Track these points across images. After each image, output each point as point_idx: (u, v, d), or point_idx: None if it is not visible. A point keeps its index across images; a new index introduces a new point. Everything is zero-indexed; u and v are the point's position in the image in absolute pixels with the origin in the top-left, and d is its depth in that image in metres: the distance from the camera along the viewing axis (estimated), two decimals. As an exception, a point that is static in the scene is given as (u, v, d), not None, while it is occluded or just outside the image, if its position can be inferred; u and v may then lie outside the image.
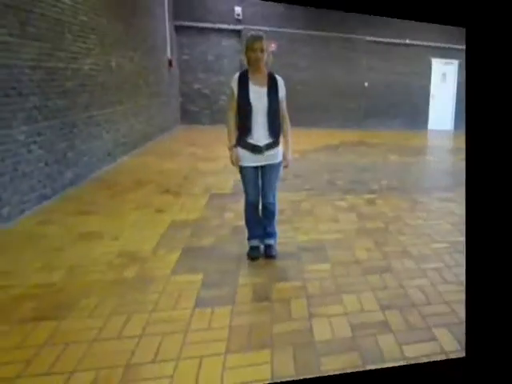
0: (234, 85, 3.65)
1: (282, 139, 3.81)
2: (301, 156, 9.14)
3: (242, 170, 3.81)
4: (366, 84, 14.72)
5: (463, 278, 3.39)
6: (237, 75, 3.70)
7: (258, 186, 3.87)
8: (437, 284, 3.69)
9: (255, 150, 3.68)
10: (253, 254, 3.96)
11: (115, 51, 7.76)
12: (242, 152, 3.73)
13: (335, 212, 5.51)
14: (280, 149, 3.82)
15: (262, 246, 4.05)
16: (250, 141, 3.68)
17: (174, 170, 7.34)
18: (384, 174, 7.96)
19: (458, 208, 5.86)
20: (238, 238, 4.42)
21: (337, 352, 2.70)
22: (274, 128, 3.71)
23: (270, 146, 3.71)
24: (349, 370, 2.57)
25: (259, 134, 3.67)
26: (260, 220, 4.01)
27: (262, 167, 3.80)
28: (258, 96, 3.61)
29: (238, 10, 12.74)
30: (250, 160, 3.73)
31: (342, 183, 7.07)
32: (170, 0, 11.77)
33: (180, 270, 3.69)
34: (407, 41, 14.65)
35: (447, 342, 2.83)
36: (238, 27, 12.83)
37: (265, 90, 3.65)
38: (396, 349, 2.76)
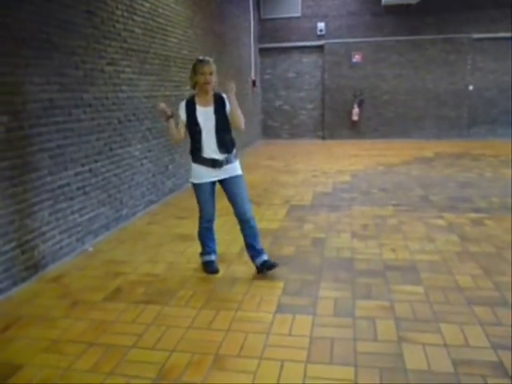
0: (182, 111, 3.60)
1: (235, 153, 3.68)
2: (386, 169, 8.32)
3: (197, 187, 3.71)
4: (471, 88, 12.28)
5: None
6: (184, 103, 3.62)
7: (213, 202, 3.81)
8: None
9: (215, 164, 3.58)
10: (209, 269, 3.83)
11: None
12: (198, 169, 3.64)
13: (429, 231, 4.76)
14: (238, 164, 3.71)
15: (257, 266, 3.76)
16: (206, 156, 3.57)
17: (255, 181, 7.37)
18: (494, 190, 6.48)
19: None
20: (317, 249, 4.30)
21: None
22: (225, 144, 3.60)
23: (228, 160, 3.62)
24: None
25: (212, 150, 3.56)
26: (213, 235, 3.93)
27: (223, 182, 3.69)
28: (205, 117, 3.53)
29: (320, 25, 12.55)
30: (207, 176, 3.63)
31: (437, 199, 6.04)
32: (256, 26, 12.27)
33: (262, 276, 3.70)
34: None
35: None
36: (320, 42, 12.65)
37: (211, 109, 3.56)
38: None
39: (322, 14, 12.61)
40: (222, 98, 3.63)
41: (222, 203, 6.07)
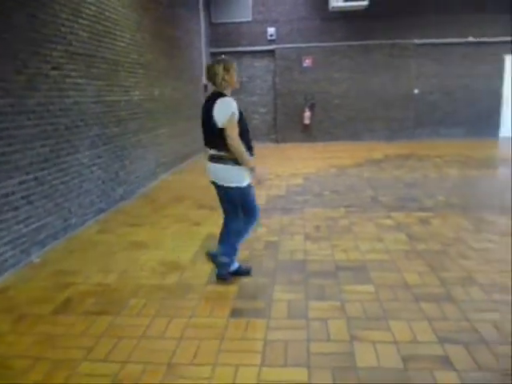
0: (237, 111, 3.42)
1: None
2: (338, 171, 8.48)
3: (250, 188, 3.59)
4: (416, 91, 12.72)
5: None
6: (232, 99, 3.46)
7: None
8: None
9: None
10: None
11: (158, 82, 8.22)
12: (246, 172, 3.51)
13: (379, 231, 4.88)
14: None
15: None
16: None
17: (208, 186, 7.21)
18: (440, 189, 6.72)
19: None
20: (271, 252, 4.32)
21: (383, 382, 2.37)
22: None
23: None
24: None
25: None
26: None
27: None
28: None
29: (271, 30, 12.68)
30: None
31: (386, 200, 6.19)
32: (206, 30, 12.24)
33: (215, 281, 3.68)
34: (470, 38, 12.22)
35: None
36: (271, 47, 12.78)
37: None
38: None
39: (273, 19, 12.75)
40: None
41: (175, 209, 6.17)
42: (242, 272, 3.79)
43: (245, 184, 3.50)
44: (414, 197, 6.35)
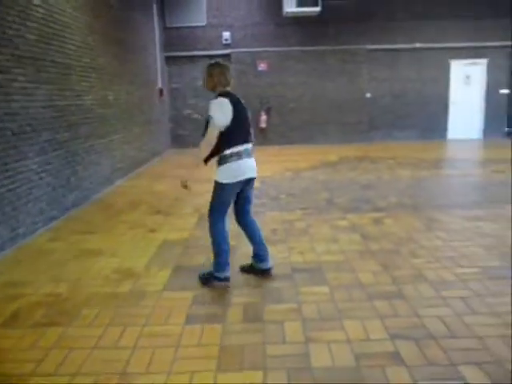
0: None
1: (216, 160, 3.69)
2: (294, 174, 8.53)
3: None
4: (368, 95, 13.08)
5: (500, 308, 3.08)
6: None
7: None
8: (463, 315, 3.03)
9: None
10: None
11: (112, 86, 8.07)
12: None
13: (334, 232, 4.94)
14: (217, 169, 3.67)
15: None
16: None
17: (164, 191, 7.32)
18: (392, 190, 6.89)
19: (491, 228, 4.90)
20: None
21: (338, 381, 2.39)
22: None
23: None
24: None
25: None
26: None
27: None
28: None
29: (226, 35, 12.71)
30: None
31: (341, 201, 6.30)
32: (161, 34, 12.14)
33: (171, 287, 3.65)
34: (417, 45, 12.73)
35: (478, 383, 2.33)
36: (226, 51, 12.75)
37: None
38: (411, 384, 2.34)
39: (227, 24, 12.78)
40: None
41: (130, 215, 6.05)
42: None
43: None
44: (367, 198, 6.49)
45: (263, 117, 12.97)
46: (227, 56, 12.85)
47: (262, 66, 12.96)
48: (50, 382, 2.49)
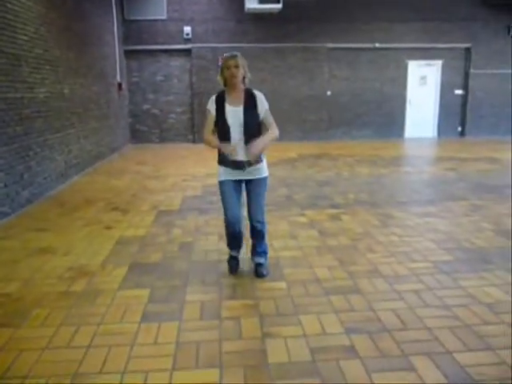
0: (212, 107, 3.48)
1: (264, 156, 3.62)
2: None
3: (221, 185, 3.57)
4: (329, 93, 13.24)
5: (451, 301, 3.19)
6: (214, 97, 3.52)
7: (238, 202, 3.58)
8: (415, 308, 3.12)
9: (238, 166, 3.46)
10: (231, 264, 3.81)
11: (68, 79, 7.83)
12: (222, 169, 3.54)
13: (292, 228, 4.97)
14: (264, 164, 3.61)
15: (252, 265, 3.82)
16: (231, 158, 3.40)
17: (122, 188, 7.20)
18: (350, 187, 7.01)
19: (442, 223, 5.07)
20: (185, 254, 4.24)
21: (294, 376, 2.39)
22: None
23: (251, 163, 3.48)
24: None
25: (239, 151, 3.42)
26: (241, 235, 3.71)
27: (247, 182, 3.58)
28: (234, 115, 3.41)
29: (187, 29, 12.57)
30: (230, 175, 3.52)
31: (300, 198, 6.35)
32: (119, 27, 11.88)
33: (127, 285, 3.59)
34: (376, 45, 13.02)
35: (429, 373, 2.40)
36: (187, 46, 12.68)
37: (241, 108, 3.42)
38: (363, 376, 2.38)
39: (188, 18, 12.64)
40: (253, 97, 3.46)
41: (86, 212, 5.89)
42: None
43: (218, 179, 3.63)
44: (326, 195, 6.58)
45: (224, 113, 12.89)
46: (188, 51, 12.77)
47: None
48: (-2, 386, 2.40)
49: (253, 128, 3.46)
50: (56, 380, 2.43)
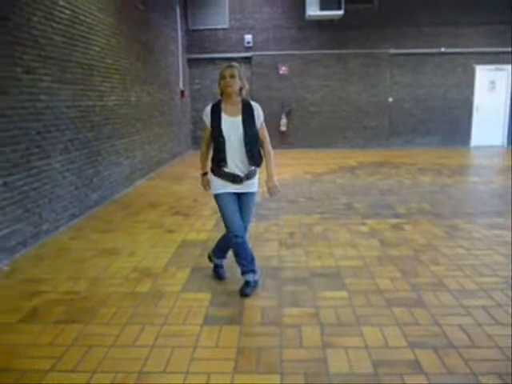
0: (207, 118, 3.40)
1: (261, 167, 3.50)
2: (313, 178, 8.50)
3: (219, 198, 3.43)
4: (391, 99, 12.92)
5: None
6: (209, 107, 3.42)
7: (238, 213, 3.46)
8: (484, 324, 2.97)
9: (235, 179, 3.37)
10: (219, 272, 3.84)
11: (135, 87, 8.17)
12: (219, 181, 3.42)
13: (353, 237, 4.90)
14: (257, 177, 3.52)
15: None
16: (228, 170, 3.36)
17: (184, 192, 7.34)
18: (412, 197, 6.80)
19: None
20: None
21: None
22: (253, 156, 3.38)
23: (250, 176, 3.41)
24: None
25: (236, 163, 3.35)
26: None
27: (241, 195, 3.47)
28: (231, 127, 3.32)
29: (248, 38, 12.74)
30: (227, 188, 3.41)
31: (360, 206, 6.25)
32: (183, 36, 12.27)
33: (189, 288, 3.66)
34: (442, 49, 12.51)
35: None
36: (248, 54, 12.82)
37: (239, 119, 3.35)
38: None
39: (250, 27, 12.81)
40: (251, 107, 3.43)
41: (149, 215, 6.10)
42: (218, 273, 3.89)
43: (213, 192, 3.50)
44: (387, 204, 6.43)
45: (283, 120, 12.96)
46: (248, 59, 12.92)
47: (283, 70, 12.95)
48: (70, 379, 2.52)
49: (253, 138, 3.39)
50: (122, 376, 2.52)
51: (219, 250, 3.83)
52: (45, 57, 5.04)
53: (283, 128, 12.99)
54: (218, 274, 3.87)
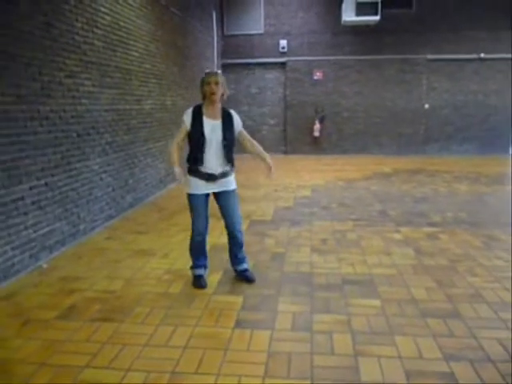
0: (188, 118, 3.58)
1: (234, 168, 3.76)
2: (347, 184, 8.48)
3: (191, 198, 3.67)
4: (427, 106, 12.70)
5: None
6: (190, 109, 3.62)
7: (207, 215, 3.74)
8: None
9: (210, 178, 3.57)
10: (198, 284, 3.79)
11: (170, 91, 8.31)
12: (194, 181, 3.62)
13: (387, 245, 4.84)
14: (233, 177, 3.75)
15: (236, 274, 3.92)
16: (203, 170, 3.56)
17: None
18: (448, 205, 6.67)
19: None
20: (277, 264, 4.29)
21: None
22: (229, 157, 3.63)
23: (224, 174, 3.63)
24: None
25: (212, 163, 3.56)
26: (205, 244, 3.85)
27: (218, 195, 3.69)
28: (212, 129, 3.53)
29: (283, 43, 12.81)
30: (202, 188, 3.61)
31: (395, 214, 6.19)
32: (219, 41, 12.39)
33: (221, 291, 3.69)
34: (482, 55, 12.29)
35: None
36: (283, 59, 12.90)
37: (219, 122, 3.57)
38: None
39: (285, 32, 12.86)
40: (230, 115, 3.67)
41: (182, 217, 6.15)
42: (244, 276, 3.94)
43: (188, 191, 3.71)
44: (422, 212, 6.32)
45: (317, 125, 12.92)
46: (283, 64, 12.97)
47: (317, 75, 12.94)
48: (104, 375, 2.58)
49: (231, 142, 3.64)
50: (155, 376, 2.56)
51: (196, 258, 3.91)
52: (86, 62, 5.21)
53: (316, 133, 12.95)
54: (197, 285, 3.82)
